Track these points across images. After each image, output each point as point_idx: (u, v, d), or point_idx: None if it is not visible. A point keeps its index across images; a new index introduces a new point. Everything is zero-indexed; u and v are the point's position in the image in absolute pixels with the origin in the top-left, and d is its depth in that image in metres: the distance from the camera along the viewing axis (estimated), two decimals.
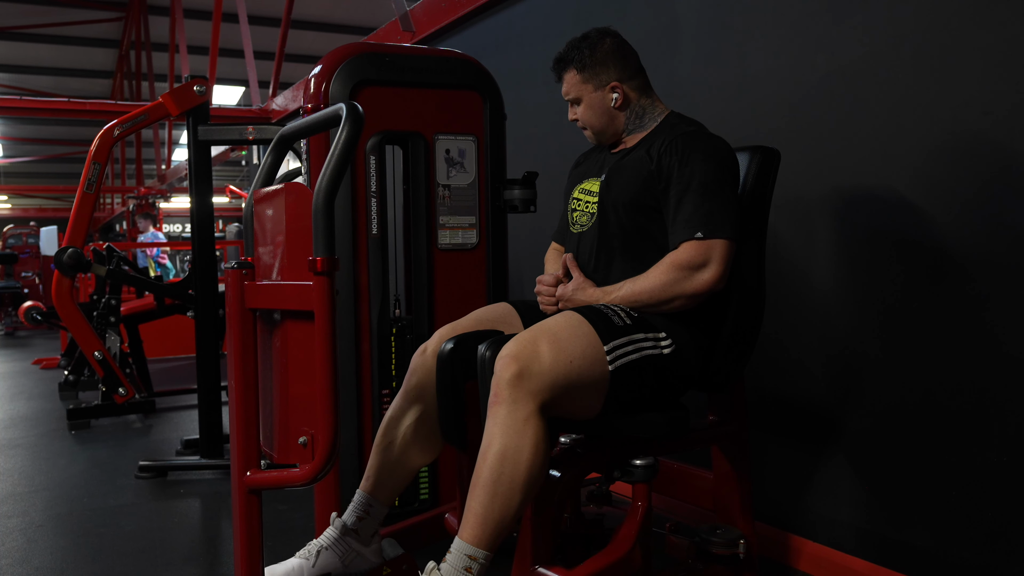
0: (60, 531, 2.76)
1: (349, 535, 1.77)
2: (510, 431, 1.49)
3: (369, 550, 1.79)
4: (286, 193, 1.66)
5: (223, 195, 12.90)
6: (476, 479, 1.50)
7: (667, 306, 1.69)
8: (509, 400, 1.50)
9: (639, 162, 1.80)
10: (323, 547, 1.75)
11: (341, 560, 1.73)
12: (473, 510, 1.48)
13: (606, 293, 1.75)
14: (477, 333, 1.79)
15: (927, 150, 1.92)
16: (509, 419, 1.49)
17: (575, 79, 1.88)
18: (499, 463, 1.48)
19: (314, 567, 1.71)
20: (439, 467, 2.44)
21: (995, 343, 1.80)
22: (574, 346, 1.57)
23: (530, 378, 1.51)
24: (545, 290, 1.87)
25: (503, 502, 1.48)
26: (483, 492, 1.48)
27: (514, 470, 1.48)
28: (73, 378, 5.40)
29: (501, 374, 1.52)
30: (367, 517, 1.80)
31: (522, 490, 1.49)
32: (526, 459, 1.48)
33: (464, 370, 1.73)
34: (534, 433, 1.50)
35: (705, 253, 1.67)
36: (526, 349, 1.53)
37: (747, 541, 1.84)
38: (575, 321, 1.62)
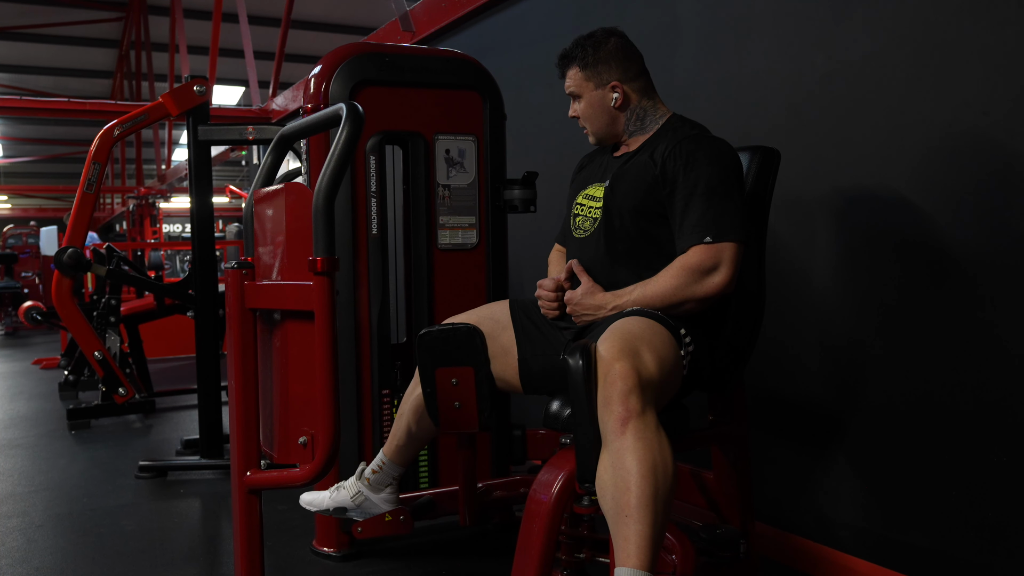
0: (60, 531, 2.76)
1: (362, 481, 2.04)
2: (653, 443, 1.45)
3: (378, 497, 2.04)
4: (286, 193, 1.66)
5: (223, 195, 12.91)
6: (623, 502, 1.42)
7: (677, 310, 1.69)
8: (640, 413, 1.46)
9: (643, 167, 1.80)
10: (341, 486, 2.05)
11: (352, 499, 2.03)
12: (636, 533, 1.41)
13: (616, 297, 1.75)
14: (450, 327, 1.88)
15: (927, 150, 1.93)
16: (646, 432, 1.45)
17: (577, 76, 1.89)
18: (653, 478, 1.42)
19: (331, 498, 2.04)
20: (438, 456, 2.45)
21: (995, 343, 1.80)
22: (665, 351, 1.57)
23: (647, 388, 1.49)
24: (546, 295, 1.87)
25: (663, 517, 1.44)
26: (644, 512, 1.41)
27: (665, 481, 1.44)
28: (73, 378, 5.40)
29: (622, 387, 1.47)
30: (380, 471, 2.03)
31: (672, 499, 1.45)
32: (671, 468, 1.45)
33: (434, 358, 1.85)
34: (667, 440, 1.47)
35: (715, 256, 1.67)
36: (634, 358, 1.50)
37: (747, 541, 1.84)
38: (650, 324, 1.62)
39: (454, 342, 1.84)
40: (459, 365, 1.84)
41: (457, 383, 1.84)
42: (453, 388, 1.84)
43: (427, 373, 1.86)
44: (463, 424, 1.87)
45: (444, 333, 1.85)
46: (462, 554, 2.41)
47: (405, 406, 1.99)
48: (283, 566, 2.34)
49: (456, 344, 1.84)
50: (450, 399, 1.85)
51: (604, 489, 1.47)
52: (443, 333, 1.85)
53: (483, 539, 2.51)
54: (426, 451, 2.42)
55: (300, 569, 2.32)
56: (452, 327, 1.87)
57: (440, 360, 1.84)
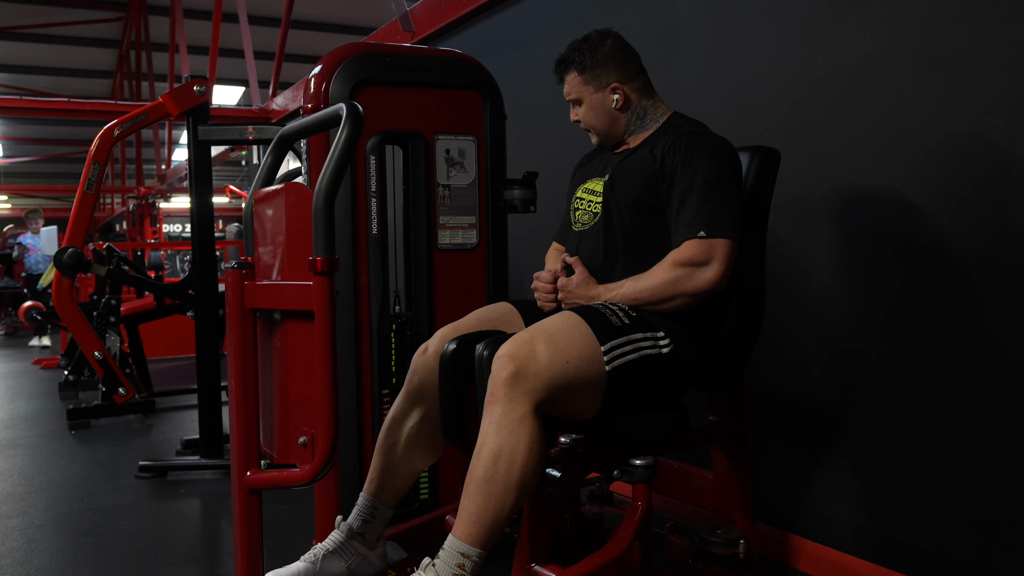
0: (60, 531, 2.76)
1: (355, 538, 1.76)
2: (505, 430, 1.50)
3: (374, 554, 1.77)
4: (286, 193, 1.66)
5: (223, 195, 12.90)
6: (470, 478, 1.50)
7: (668, 304, 1.69)
8: (505, 399, 1.51)
9: (642, 162, 1.80)
10: (328, 551, 1.73)
11: (347, 564, 1.72)
12: (467, 508, 1.49)
13: (608, 290, 1.76)
14: (479, 334, 1.78)
15: (927, 150, 1.93)
16: (504, 418, 1.50)
17: (576, 80, 1.89)
18: (493, 462, 1.48)
19: (319, 572, 1.70)
20: (439, 467, 2.44)
21: (995, 343, 1.80)
22: (571, 346, 1.57)
23: (526, 378, 1.52)
24: (543, 287, 1.87)
25: (497, 501, 1.48)
26: (477, 491, 1.49)
27: (508, 469, 1.48)
28: (73, 378, 5.40)
29: (497, 373, 1.53)
30: (372, 520, 1.79)
31: (516, 489, 1.49)
32: (521, 458, 1.49)
33: (467, 371, 1.72)
34: (529, 432, 1.50)
35: (707, 252, 1.68)
36: (523, 349, 1.54)
37: (747, 541, 1.84)
38: (572, 321, 1.62)
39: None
40: None
41: None
42: None
43: (461, 388, 1.72)
44: None
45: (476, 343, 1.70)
46: None
47: (397, 437, 1.83)
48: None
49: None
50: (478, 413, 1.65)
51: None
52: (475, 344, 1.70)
53: None
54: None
55: None
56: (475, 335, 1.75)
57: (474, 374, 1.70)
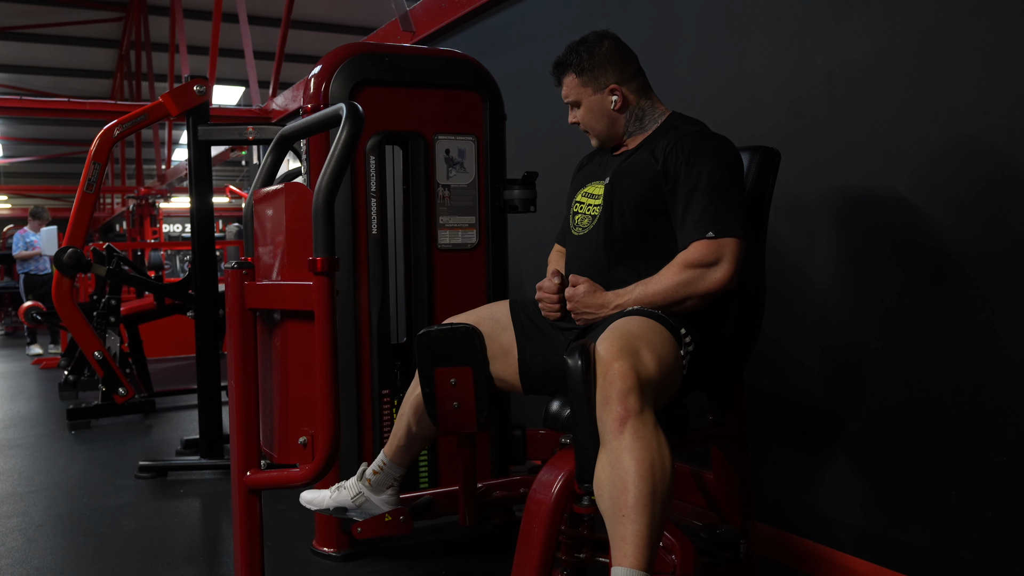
0: (60, 531, 2.76)
1: (363, 482, 2.04)
2: (651, 443, 1.44)
3: (378, 498, 2.05)
4: (286, 193, 1.66)
5: (223, 195, 12.90)
6: (623, 500, 1.42)
7: (679, 307, 1.69)
8: (638, 412, 1.45)
9: (644, 164, 1.80)
10: (342, 486, 2.06)
11: (352, 499, 2.03)
12: (635, 533, 1.40)
13: (618, 296, 1.74)
14: (449, 326, 1.88)
15: (927, 150, 1.92)
16: (644, 430, 1.45)
17: (574, 82, 1.88)
18: (651, 477, 1.42)
19: (331, 498, 2.05)
20: (438, 456, 2.45)
21: (995, 343, 1.80)
22: (664, 350, 1.57)
23: (646, 387, 1.48)
24: (546, 296, 1.86)
25: (660, 516, 1.43)
26: (642, 512, 1.40)
27: (663, 480, 1.43)
28: (73, 378, 5.40)
29: (623, 386, 1.46)
30: (381, 472, 2.04)
31: (671, 499, 1.45)
32: (670, 467, 1.45)
33: (433, 357, 1.85)
34: (665, 439, 1.47)
35: (717, 252, 1.67)
36: (633, 358, 1.49)
37: (747, 541, 1.84)
38: (651, 324, 1.62)
39: (453, 342, 1.84)
40: (458, 365, 1.84)
41: (456, 383, 1.84)
42: (452, 388, 1.85)
43: (426, 373, 1.86)
44: (462, 424, 1.87)
45: (443, 333, 1.86)
46: (462, 554, 2.41)
47: (405, 406, 1.99)
48: (283, 566, 2.34)
49: (455, 344, 1.84)
50: (449, 399, 1.85)
51: (602, 488, 1.46)
52: (442, 333, 1.86)
53: (483, 539, 2.52)
54: (426, 451, 2.42)
55: (300, 569, 2.32)
56: (451, 327, 1.87)
57: (439, 360, 1.85)
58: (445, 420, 1.87)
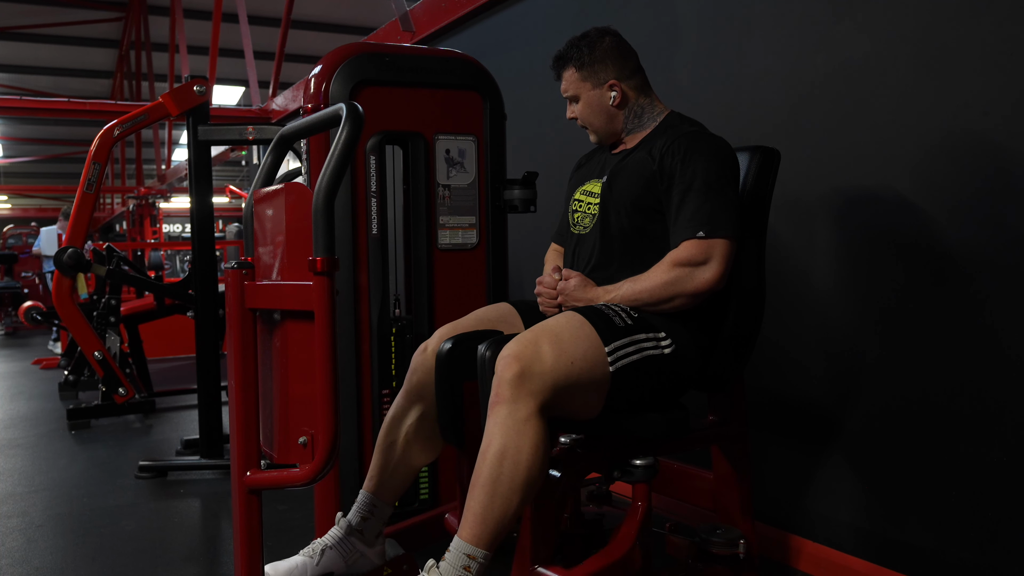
0: (60, 531, 2.76)
1: (353, 535, 1.79)
2: (510, 431, 1.49)
3: (373, 551, 1.81)
4: (286, 193, 1.66)
5: (223, 195, 12.90)
6: (476, 479, 1.50)
7: (667, 305, 1.69)
8: (510, 400, 1.50)
9: (641, 163, 1.80)
10: (327, 546, 1.77)
11: (344, 560, 1.75)
12: (472, 509, 1.49)
13: (606, 291, 1.75)
14: (476, 333, 1.79)
15: (927, 150, 1.92)
16: (510, 419, 1.49)
17: (573, 77, 1.89)
18: (499, 463, 1.48)
19: (318, 566, 1.73)
20: (439, 467, 2.44)
21: (995, 344, 1.80)
22: (576, 347, 1.57)
23: (531, 378, 1.51)
24: (546, 291, 1.87)
25: (503, 502, 1.47)
26: (482, 492, 1.48)
27: (514, 470, 1.48)
28: (73, 378, 5.40)
29: (502, 374, 1.52)
30: (371, 517, 1.82)
31: (522, 490, 1.49)
32: (526, 459, 1.48)
33: (462, 369, 1.73)
34: (534, 433, 1.50)
35: (706, 252, 1.67)
36: (527, 349, 1.54)
37: (747, 541, 1.84)
38: (576, 322, 1.62)
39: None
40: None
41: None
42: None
43: (452, 387, 1.74)
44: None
45: (470, 344, 1.72)
46: None
47: (391, 436, 1.85)
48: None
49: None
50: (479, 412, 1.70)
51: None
52: (469, 344, 1.73)
53: None
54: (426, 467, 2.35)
55: None
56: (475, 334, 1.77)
57: (469, 373, 1.71)
58: (473, 436, 1.70)
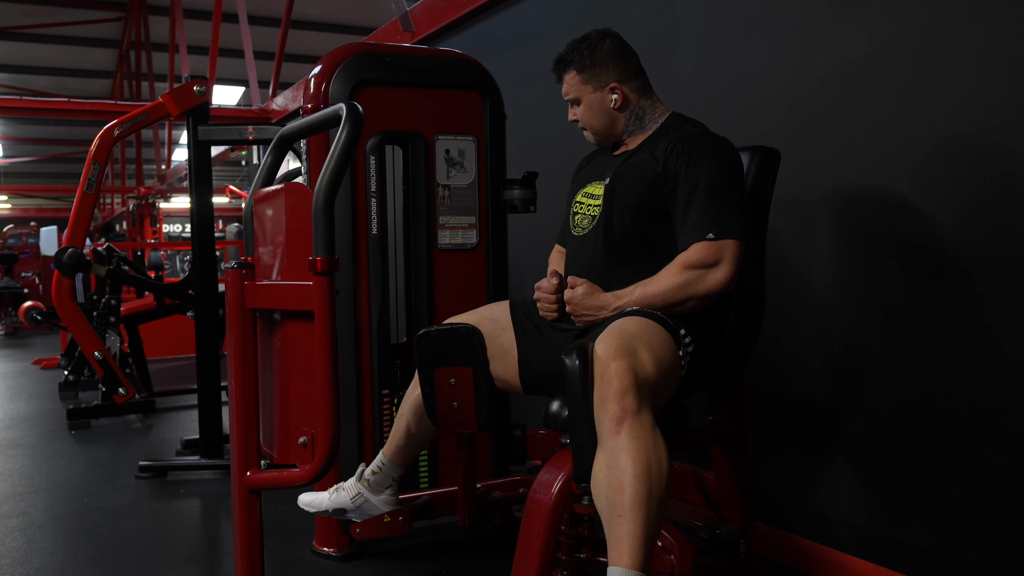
0: (60, 531, 2.76)
1: (362, 482, 2.04)
2: (648, 443, 1.44)
3: (377, 499, 2.04)
4: (286, 193, 1.66)
5: (223, 195, 12.91)
6: (620, 500, 1.42)
7: (680, 308, 1.69)
8: (635, 412, 1.45)
9: (644, 164, 1.80)
10: (341, 487, 2.06)
11: (351, 500, 2.03)
12: (631, 533, 1.40)
13: (617, 297, 1.74)
14: (450, 326, 1.87)
15: (927, 150, 1.92)
16: (643, 431, 1.44)
17: (575, 80, 1.88)
18: (647, 477, 1.42)
19: (329, 499, 2.05)
20: (438, 455, 2.45)
21: (995, 344, 1.80)
22: (663, 351, 1.57)
23: (644, 387, 1.48)
24: (545, 297, 1.86)
25: (657, 517, 1.42)
26: (638, 512, 1.40)
27: (660, 481, 1.43)
28: (73, 378, 5.40)
29: (620, 385, 1.46)
30: (380, 473, 2.04)
31: (667, 500, 1.45)
32: (667, 468, 1.45)
33: (433, 358, 1.85)
34: (663, 440, 1.46)
35: (717, 253, 1.67)
36: (631, 358, 1.49)
37: (747, 541, 1.84)
38: (652, 326, 1.61)
39: (453, 342, 1.84)
40: (457, 365, 1.84)
41: (456, 383, 1.84)
42: (452, 388, 1.84)
43: (426, 373, 1.86)
44: (461, 424, 1.87)
45: (443, 333, 1.85)
46: (462, 554, 2.41)
47: (405, 407, 1.99)
48: (283, 566, 2.34)
49: (455, 344, 1.84)
50: (449, 399, 1.85)
51: (599, 488, 1.46)
52: (442, 333, 1.85)
53: (483, 539, 2.51)
54: (426, 452, 2.42)
55: (300, 569, 2.32)
56: (451, 327, 1.87)
57: (439, 360, 1.84)
58: (445, 420, 1.87)
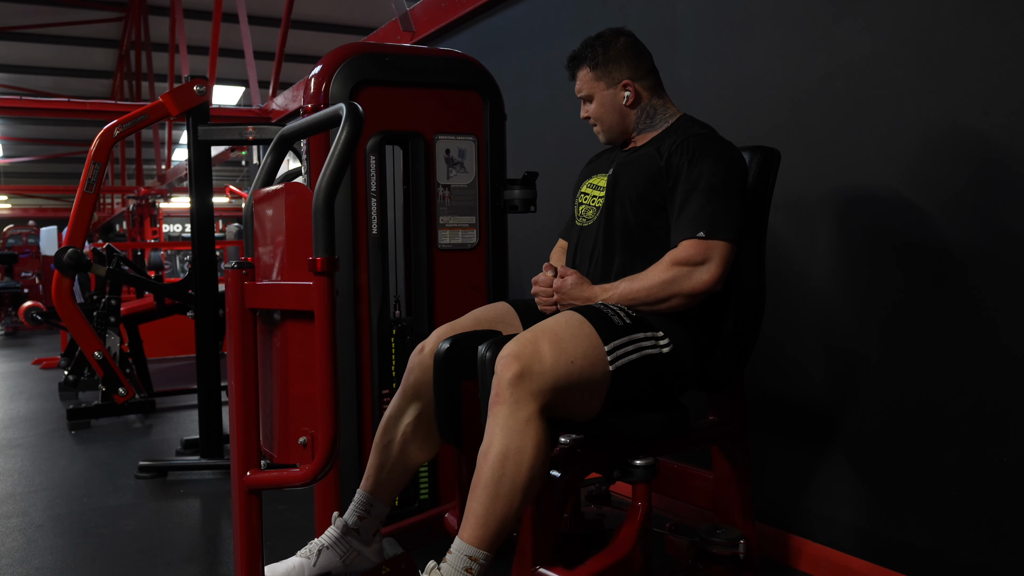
0: (60, 531, 2.76)
1: (350, 534, 1.78)
2: (512, 431, 1.49)
3: (370, 549, 1.80)
4: (286, 193, 1.66)
5: (223, 195, 12.91)
6: (477, 480, 1.49)
7: (664, 304, 1.69)
8: (511, 400, 1.50)
9: (648, 158, 1.81)
10: (324, 546, 1.76)
11: (342, 559, 1.74)
12: (474, 511, 1.48)
13: (604, 290, 1.75)
14: (474, 333, 1.79)
15: (927, 150, 1.92)
16: (511, 419, 1.49)
17: (588, 76, 1.90)
18: (501, 464, 1.48)
19: (315, 566, 1.72)
20: (439, 467, 2.44)
21: (995, 343, 1.80)
22: (575, 346, 1.57)
23: (531, 378, 1.51)
24: (542, 290, 1.87)
25: (504, 503, 1.47)
26: (484, 493, 1.48)
27: (516, 471, 1.48)
28: (73, 378, 5.40)
29: (502, 374, 1.52)
30: (368, 516, 1.81)
31: (523, 491, 1.49)
32: (528, 460, 1.48)
33: (460, 369, 1.73)
34: (536, 433, 1.50)
35: (705, 252, 1.67)
36: (527, 349, 1.53)
37: (747, 541, 1.84)
38: (576, 321, 1.62)
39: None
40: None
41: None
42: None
43: (449, 387, 1.74)
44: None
45: (469, 343, 1.72)
46: None
47: (388, 435, 1.84)
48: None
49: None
50: (478, 412, 1.72)
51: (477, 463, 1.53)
52: (469, 344, 1.73)
53: None
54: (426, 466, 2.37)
55: None
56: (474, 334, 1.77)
57: (468, 372, 1.72)
58: (471, 435, 1.73)
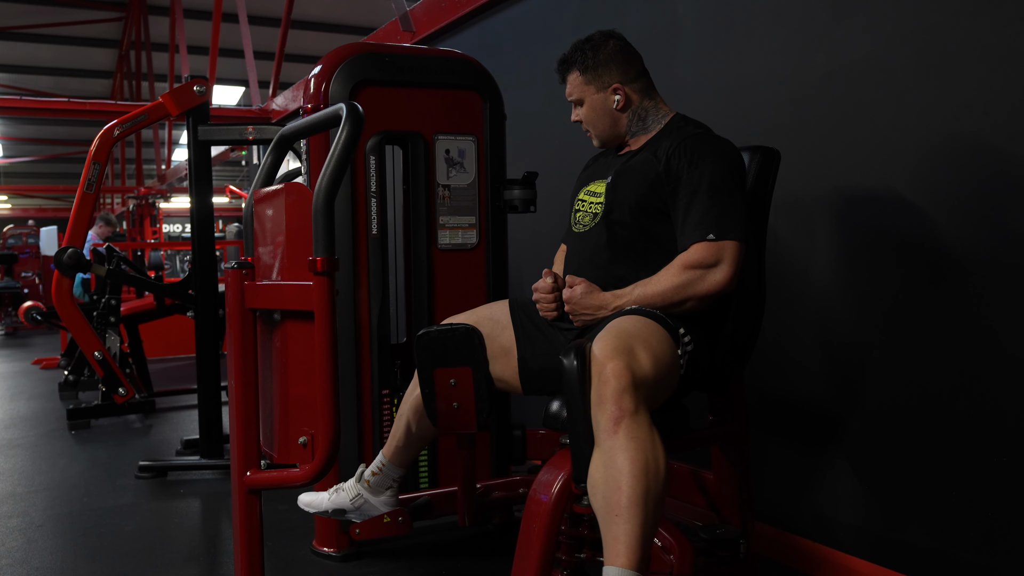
0: (60, 531, 2.76)
1: (362, 483, 2.04)
2: (645, 442, 1.44)
3: (377, 500, 2.04)
4: (286, 193, 1.66)
5: (223, 195, 12.90)
6: (616, 500, 1.41)
7: (679, 308, 1.69)
8: (633, 411, 1.45)
9: (646, 164, 1.80)
10: (340, 488, 2.06)
11: (352, 501, 2.03)
12: (627, 533, 1.40)
13: (616, 297, 1.74)
14: (454, 325, 1.86)
15: (927, 150, 1.92)
16: (640, 430, 1.44)
17: (578, 80, 1.89)
18: (644, 478, 1.41)
19: (329, 500, 2.05)
20: (438, 456, 2.45)
21: (995, 343, 1.80)
22: (661, 350, 1.56)
23: (641, 387, 1.47)
24: (543, 297, 1.86)
25: (653, 519, 1.42)
26: (635, 512, 1.40)
27: (657, 481, 1.43)
28: (73, 378, 5.39)
29: (617, 384, 1.45)
30: (380, 474, 2.04)
31: (663, 500, 1.44)
32: (664, 468, 1.44)
33: (432, 357, 1.85)
34: (660, 440, 1.46)
35: (717, 254, 1.67)
36: (628, 357, 1.49)
37: (747, 541, 1.84)
38: (651, 324, 1.61)
39: (452, 342, 1.84)
40: (457, 365, 1.83)
41: (456, 383, 1.84)
42: (451, 388, 1.84)
43: (425, 373, 1.86)
44: (461, 425, 1.87)
45: (442, 333, 1.85)
46: (462, 554, 2.41)
47: (405, 407, 1.99)
48: (283, 566, 2.34)
49: (454, 344, 1.84)
50: (449, 399, 1.85)
51: (596, 488, 1.46)
52: (441, 333, 1.85)
53: (483, 539, 2.51)
54: (426, 452, 2.42)
55: (300, 569, 2.32)
56: (450, 327, 1.86)
57: (438, 360, 1.84)
58: (445, 420, 1.87)
